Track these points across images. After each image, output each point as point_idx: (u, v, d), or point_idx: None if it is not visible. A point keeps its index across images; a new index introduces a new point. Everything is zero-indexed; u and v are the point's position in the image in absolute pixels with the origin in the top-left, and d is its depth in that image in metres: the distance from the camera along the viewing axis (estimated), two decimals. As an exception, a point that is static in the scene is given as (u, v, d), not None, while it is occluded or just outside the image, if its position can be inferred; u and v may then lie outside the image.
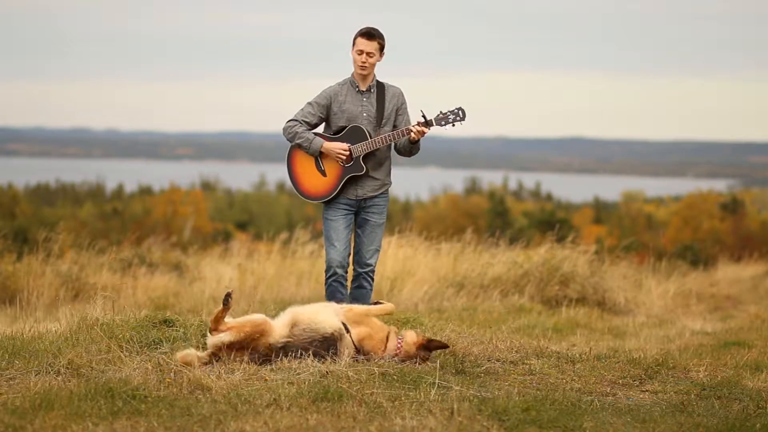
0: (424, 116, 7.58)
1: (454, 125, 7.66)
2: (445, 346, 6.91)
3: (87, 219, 45.16)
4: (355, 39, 7.58)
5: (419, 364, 6.74)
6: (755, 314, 13.25)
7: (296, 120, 7.62)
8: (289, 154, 7.68)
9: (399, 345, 6.79)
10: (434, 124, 7.61)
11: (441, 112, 7.64)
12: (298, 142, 7.59)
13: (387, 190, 7.77)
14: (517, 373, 6.95)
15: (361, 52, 7.55)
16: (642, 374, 7.09)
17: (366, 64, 7.54)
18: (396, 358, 6.73)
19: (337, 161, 7.55)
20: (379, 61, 7.61)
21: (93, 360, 6.61)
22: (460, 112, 7.65)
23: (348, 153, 7.53)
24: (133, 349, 6.96)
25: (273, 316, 7.42)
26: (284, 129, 7.65)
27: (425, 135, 7.58)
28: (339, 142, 7.55)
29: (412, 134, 7.53)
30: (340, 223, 7.60)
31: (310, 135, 7.58)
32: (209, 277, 14.55)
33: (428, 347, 6.84)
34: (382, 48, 7.59)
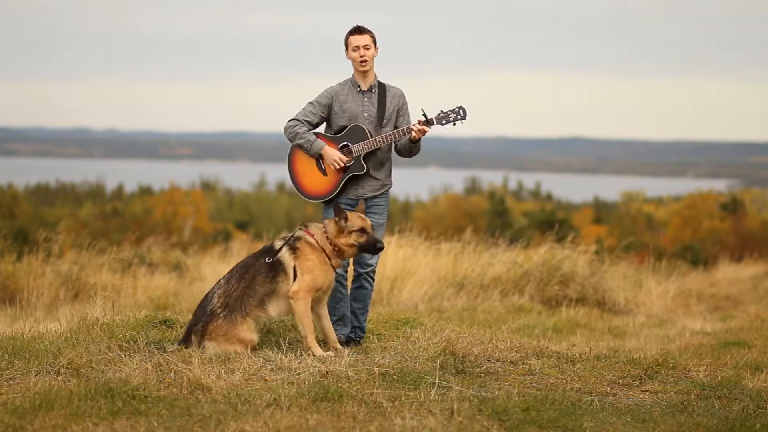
0: (425, 115, 7.58)
1: (455, 124, 7.65)
2: None
3: (87, 219, 45.14)
4: (346, 40, 7.61)
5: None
6: (755, 314, 13.25)
7: (297, 120, 7.61)
8: (290, 154, 7.68)
9: None
10: (435, 122, 7.60)
11: (442, 111, 7.64)
12: (298, 142, 7.58)
13: (387, 190, 7.76)
14: (517, 373, 6.95)
15: (357, 48, 7.56)
16: (642, 374, 7.10)
17: (365, 58, 7.54)
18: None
19: (332, 167, 7.54)
20: (375, 55, 7.62)
21: (93, 360, 6.61)
22: (461, 111, 7.64)
23: (343, 165, 7.52)
24: (132, 349, 6.97)
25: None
26: (285, 128, 7.64)
27: (426, 134, 7.58)
28: (338, 152, 7.54)
29: (413, 133, 7.52)
30: (340, 223, 7.60)
31: (311, 136, 7.57)
32: (209, 277, 14.55)
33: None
34: (375, 41, 7.60)
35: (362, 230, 7.30)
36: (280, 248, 7.24)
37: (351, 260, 7.76)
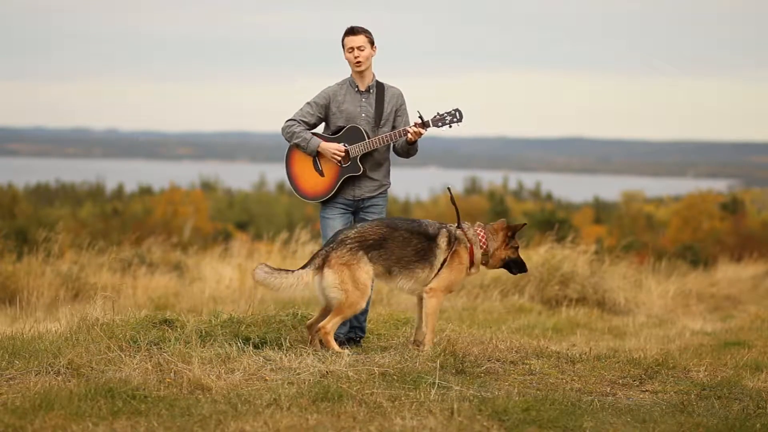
0: (421, 117, 7.60)
1: (450, 126, 7.68)
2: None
3: (87, 219, 45.12)
4: (342, 42, 7.62)
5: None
6: (755, 314, 13.25)
7: (295, 120, 7.64)
8: (287, 154, 7.71)
9: None
10: (431, 125, 7.63)
11: (438, 113, 7.66)
12: (295, 141, 7.61)
13: (386, 191, 7.78)
14: (517, 373, 6.95)
15: (351, 50, 7.58)
16: (642, 374, 7.10)
17: (360, 59, 7.56)
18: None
19: (333, 161, 7.57)
20: (373, 54, 7.63)
21: (93, 360, 6.61)
22: (457, 113, 7.66)
23: (344, 154, 7.54)
24: (132, 349, 6.97)
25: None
26: (283, 129, 7.67)
27: (422, 136, 7.60)
28: (335, 143, 7.57)
29: (409, 135, 7.55)
30: (337, 223, 7.61)
31: (307, 135, 7.60)
32: (209, 277, 14.55)
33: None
34: (371, 42, 7.61)
35: (517, 248, 7.57)
36: (452, 241, 7.37)
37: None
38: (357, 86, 7.65)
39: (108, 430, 5.41)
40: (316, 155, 7.61)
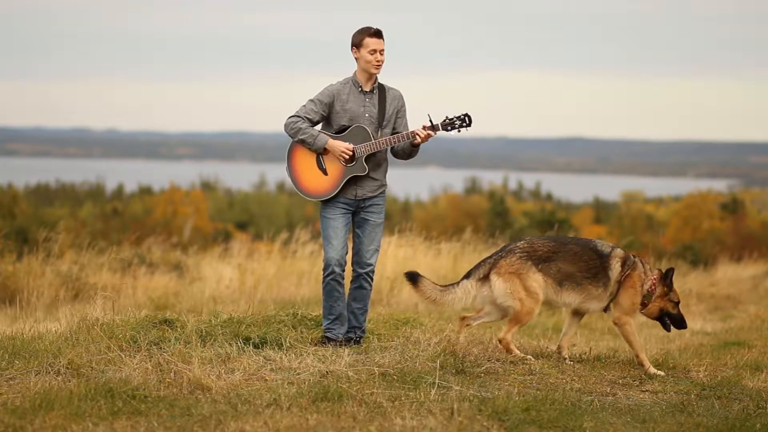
0: (430, 120, 7.59)
1: (459, 131, 7.68)
2: None
3: (87, 219, 45.13)
4: (362, 40, 7.52)
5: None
6: (755, 314, 13.24)
7: (299, 116, 7.58)
8: (289, 151, 7.64)
9: None
10: (440, 128, 7.62)
11: (447, 117, 7.65)
12: (301, 137, 7.54)
13: (384, 190, 7.78)
14: (517, 373, 6.96)
15: (374, 52, 7.52)
16: (642, 374, 7.11)
17: (380, 63, 7.54)
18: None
19: (339, 160, 7.55)
20: None
21: (93, 360, 6.62)
22: (466, 118, 7.66)
23: (351, 153, 7.52)
24: (132, 349, 6.97)
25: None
26: (286, 125, 7.59)
27: (430, 139, 7.59)
28: (343, 142, 7.54)
29: (418, 138, 7.54)
30: (338, 222, 7.59)
31: (314, 131, 7.55)
32: (209, 277, 14.55)
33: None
34: None
35: (678, 303, 7.64)
36: (628, 264, 7.51)
37: (349, 260, 7.76)
38: (361, 86, 7.62)
39: (108, 430, 5.41)
40: (321, 153, 7.57)
